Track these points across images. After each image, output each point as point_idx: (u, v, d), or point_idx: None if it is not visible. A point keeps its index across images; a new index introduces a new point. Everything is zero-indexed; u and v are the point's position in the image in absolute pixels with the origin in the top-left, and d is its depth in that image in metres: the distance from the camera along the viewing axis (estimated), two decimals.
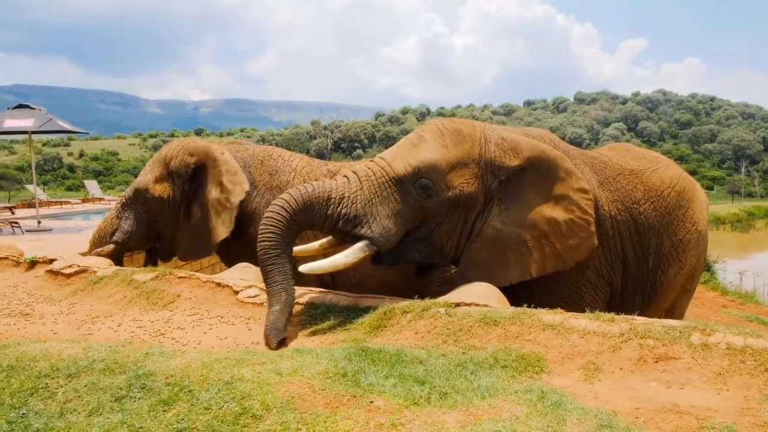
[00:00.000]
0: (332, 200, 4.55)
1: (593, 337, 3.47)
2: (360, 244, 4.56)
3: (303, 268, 4.53)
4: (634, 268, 5.34)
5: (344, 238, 4.67)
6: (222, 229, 6.07)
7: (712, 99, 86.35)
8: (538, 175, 4.87)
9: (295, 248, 4.71)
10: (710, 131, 70.38)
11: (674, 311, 5.81)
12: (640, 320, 3.59)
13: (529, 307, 4.03)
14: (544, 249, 4.81)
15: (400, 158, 4.76)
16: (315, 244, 4.85)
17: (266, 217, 4.42)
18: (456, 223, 4.80)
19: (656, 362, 3.20)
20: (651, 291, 5.43)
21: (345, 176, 4.76)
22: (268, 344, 4.03)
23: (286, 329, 4.15)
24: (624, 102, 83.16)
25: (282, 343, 4.06)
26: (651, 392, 2.95)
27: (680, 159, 66.69)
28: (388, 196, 4.63)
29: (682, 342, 3.27)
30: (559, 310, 3.88)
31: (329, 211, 4.53)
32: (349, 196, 4.59)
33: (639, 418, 2.68)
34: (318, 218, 4.53)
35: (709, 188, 57.48)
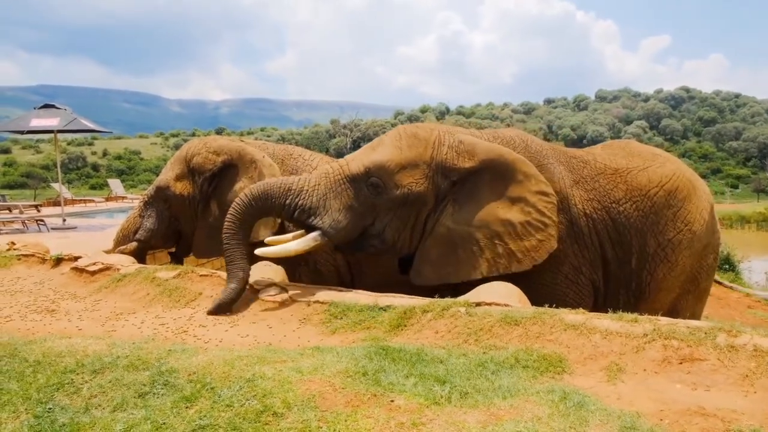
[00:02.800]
0: (291, 192, 5.03)
1: (616, 338, 3.44)
2: (312, 234, 4.99)
3: (258, 251, 5.06)
4: (616, 267, 5.33)
5: (301, 227, 5.14)
6: (264, 231, 6.07)
7: (737, 96, 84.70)
8: (494, 177, 5.02)
9: (269, 238, 5.32)
10: (735, 129, 69.05)
11: (678, 313, 5.62)
12: (664, 321, 3.55)
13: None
14: (497, 249, 4.93)
15: (357, 159, 5.16)
16: (288, 236, 5.27)
17: (231, 207, 5.04)
18: (407, 221, 5.05)
19: (681, 363, 3.16)
20: (637, 291, 5.38)
21: (310, 174, 5.29)
22: (211, 311, 4.72)
23: (231, 306, 4.79)
24: (646, 100, 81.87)
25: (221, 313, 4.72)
26: (675, 394, 2.91)
27: (704, 157, 65.62)
28: (342, 192, 5.02)
29: (708, 343, 3.22)
30: (581, 310, 3.85)
31: (287, 201, 5.02)
32: (307, 190, 5.04)
33: (663, 420, 2.64)
34: (277, 207, 5.04)
35: (734, 187, 56.55)
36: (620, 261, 5.32)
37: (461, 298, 4.25)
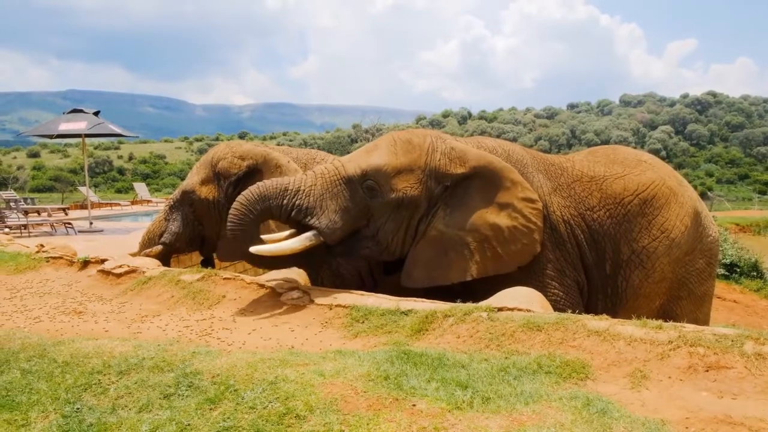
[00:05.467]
0: (288, 192, 5.11)
1: (640, 344, 3.40)
2: (308, 234, 5.08)
3: (253, 249, 5.05)
4: (594, 271, 5.46)
5: (297, 227, 5.20)
6: None
7: (766, 101, 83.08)
8: (484, 183, 5.17)
9: (264, 236, 5.27)
10: (763, 134, 67.74)
11: (675, 320, 5.60)
12: (689, 328, 3.50)
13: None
14: (486, 252, 5.09)
15: (353, 161, 5.28)
16: (282, 234, 5.30)
17: (230, 211, 5.09)
18: (400, 224, 5.18)
19: (707, 371, 3.11)
20: (613, 296, 5.48)
21: (305, 174, 5.36)
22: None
23: None
24: (672, 104, 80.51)
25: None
26: (701, 402, 2.87)
27: (731, 162, 64.48)
28: (338, 193, 5.13)
29: (735, 351, 3.18)
30: (604, 316, 3.83)
31: (285, 202, 5.09)
32: (303, 190, 5.13)
33: (689, 429, 2.61)
34: (275, 207, 5.10)
35: (762, 193, 55.38)
36: (597, 266, 5.47)
37: (483, 303, 4.24)
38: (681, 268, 5.65)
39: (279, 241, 5.24)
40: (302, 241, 5.08)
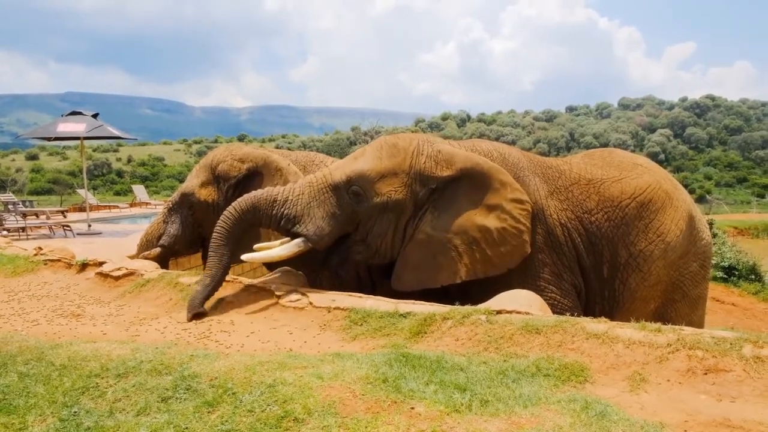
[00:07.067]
0: (277, 202, 5.24)
1: (639, 347, 3.40)
2: (296, 240, 5.20)
3: (244, 257, 5.24)
4: (592, 274, 5.46)
5: (287, 235, 5.32)
6: None
7: (764, 104, 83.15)
8: (471, 185, 5.18)
9: (257, 245, 5.44)
10: (762, 137, 67.84)
11: (671, 322, 5.49)
12: (688, 331, 3.50)
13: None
14: (475, 254, 5.10)
15: (339, 168, 5.37)
16: (275, 243, 5.43)
17: (220, 219, 5.24)
18: (387, 227, 5.24)
19: (706, 374, 3.11)
20: (611, 299, 5.49)
21: (294, 183, 5.50)
22: (186, 315, 4.87)
23: (203, 304, 4.95)
24: (670, 108, 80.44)
25: (198, 316, 4.85)
26: (700, 405, 2.87)
27: (730, 166, 64.58)
28: (325, 200, 5.23)
29: (733, 354, 3.18)
30: (602, 319, 3.83)
31: (273, 211, 5.22)
32: (291, 199, 5.25)
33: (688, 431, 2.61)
34: (264, 217, 5.25)
35: (760, 196, 55.41)
36: (594, 269, 5.46)
37: (482, 306, 4.24)
38: (675, 272, 5.66)
39: (271, 247, 5.33)
40: (291, 248, 5.19)
